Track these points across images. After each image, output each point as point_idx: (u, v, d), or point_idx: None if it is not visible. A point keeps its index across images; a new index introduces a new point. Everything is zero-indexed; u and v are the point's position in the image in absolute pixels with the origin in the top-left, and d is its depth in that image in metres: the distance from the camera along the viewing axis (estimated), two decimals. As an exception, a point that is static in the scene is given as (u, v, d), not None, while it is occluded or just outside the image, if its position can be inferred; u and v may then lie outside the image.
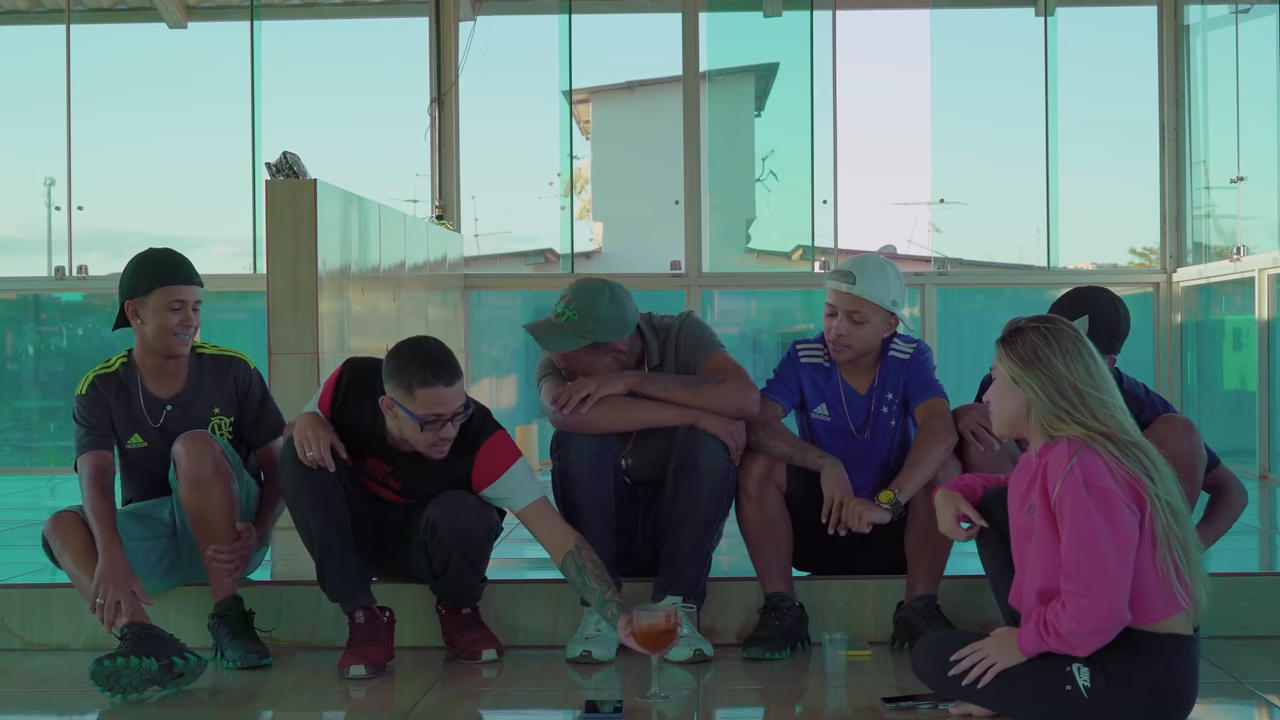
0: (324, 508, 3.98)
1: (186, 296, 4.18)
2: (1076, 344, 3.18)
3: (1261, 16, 8.90)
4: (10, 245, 10.69)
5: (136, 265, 4.23)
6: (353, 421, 4.06)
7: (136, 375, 4.26)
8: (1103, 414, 3.12)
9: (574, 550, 3.95)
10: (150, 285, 4.16)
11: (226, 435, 4.30)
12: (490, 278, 10.12)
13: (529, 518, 4.03)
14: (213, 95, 10.18)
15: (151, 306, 4.16)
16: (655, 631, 3.58)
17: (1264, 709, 3.58)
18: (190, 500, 4.08)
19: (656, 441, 4.24)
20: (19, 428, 10.34)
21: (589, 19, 9.95)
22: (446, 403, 3.86)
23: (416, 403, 3.85)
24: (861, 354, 4.27)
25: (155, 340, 4.19)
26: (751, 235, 10.45)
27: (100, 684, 3.70)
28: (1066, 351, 3.16)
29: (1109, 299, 4.26)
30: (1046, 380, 3.15)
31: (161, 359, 4.24)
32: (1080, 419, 3.12)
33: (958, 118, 10.38)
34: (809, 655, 4.11)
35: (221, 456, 4.10)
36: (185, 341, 4.21)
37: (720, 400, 4.14)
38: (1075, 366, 3.15)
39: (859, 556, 4.37)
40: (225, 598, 4.10)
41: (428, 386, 3.84)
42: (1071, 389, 3.13)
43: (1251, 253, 8.62)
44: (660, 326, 4.33)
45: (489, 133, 9.96)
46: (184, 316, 4.17)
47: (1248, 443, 8.43)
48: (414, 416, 3.85)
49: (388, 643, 4.05)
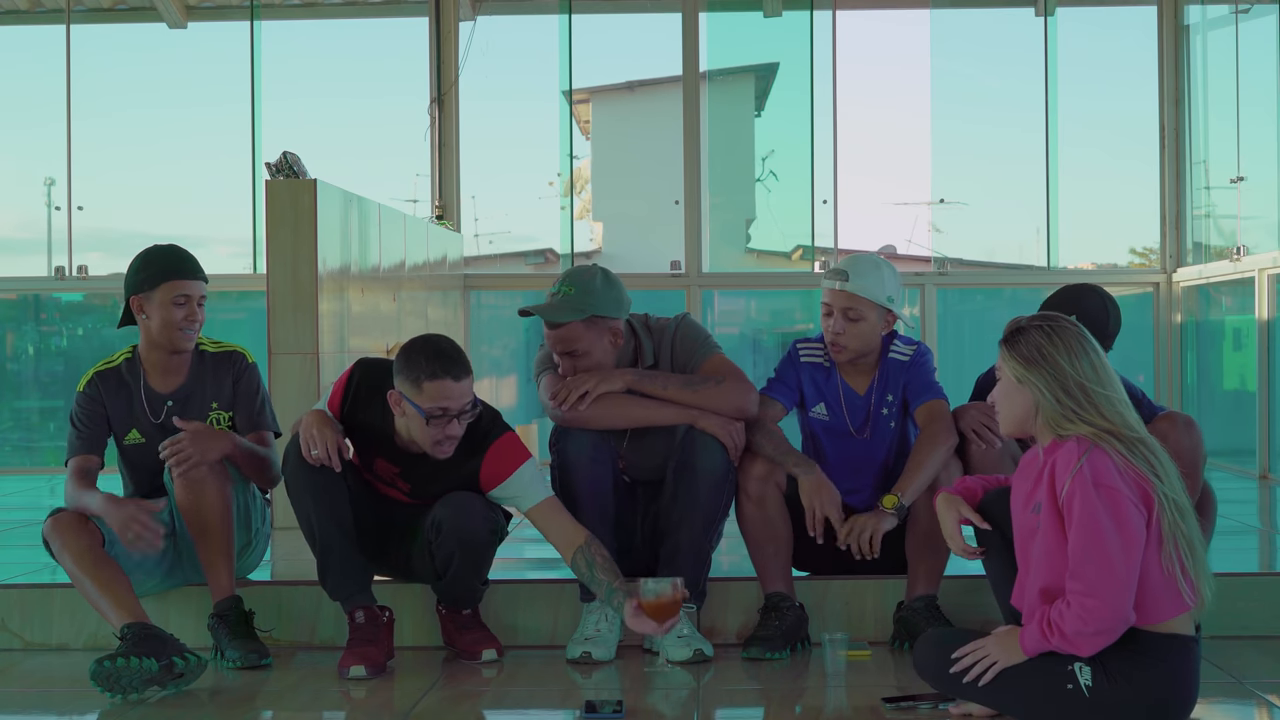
0: (327, 506, 3.98)
1: (191, 291, 4.21)
2: (1080, 340, 3.17)
3: (1261, 16, 8.90)
4: (10, 245, 10.69)
5: (142, 260, 4.25)
6: (362, 422, 4.06)
7: (140, 371, 4.28)
8: (1109, 411, 3.12)
9: (584, 546, 3.95)
10: (156, 280, 4.19)
11: (226, 429, 4.30)
12: (490, 278, 10.11)
13: (538, 517, 4.03)
14: (213, 95, 10.18)
15: (157, 301, 4.19)
16: (664, 602, 3.62)
17: (1264, 709, 3.58)
18: (185, 500, 4.08)
19: (654, 441, 4.25)
20: (19, 428, 10.34)
21: (589, 19, 9.95)
22: (453, 397, 3.86)
23: (423, 396, 3.85)
24: (860, 354, 4.26)
25: (160, 335, 4.21)
26: (751, 235, 10.45)
27: (100, 684, 3.70)
28: (1070, 349, 3.15)
29: (1099, 297, 4.26)
30: (1052, 379, 3.15)
31: (165, 354, 4.25)
32: (1088, 417, 3.11)
33: (958, 117, 10.38)
34: (809, 655, 4.11)
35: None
36: (190, 337, 4.23)
37: (719, 400, 4.14)
38: (1080, 364, 3.14)
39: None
40: (225, 598, 4.10)
41: (435, 380, 3.84)
42: (1077, 387, 3.13)
43: (1251, 253, 8.62)
44: (656, 328, 4.33)
45: (489, 133, 9.96)
46: (189, 311, 4.20)
47: (1248, 443, 8.43)
48: (420, 410, 3.85)
49: (387, 643, 4.05)
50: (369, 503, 4.17)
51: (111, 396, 4.26)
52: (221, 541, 4.09)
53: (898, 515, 4.06)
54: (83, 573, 3.95)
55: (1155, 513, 3.07)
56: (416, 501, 4.15)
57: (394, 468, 4.10)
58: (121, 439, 4.28)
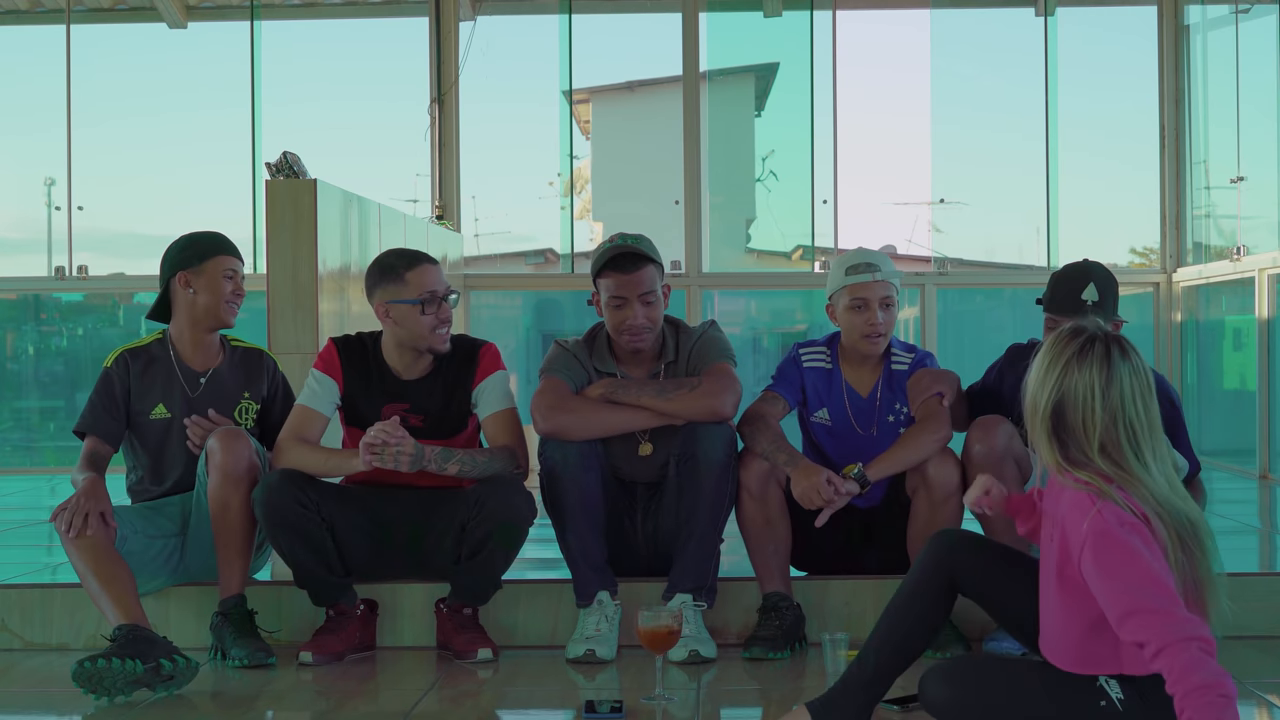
0: (305, 547, 4.07)
1: (237, 268, 4.35)
2: (1148, 377, 2.93)
3: (1261, 16, 8.90)
4: (10, 245, 10.69)
5: (188, 240, 4.36)
6: (361, 373, 4.21)
7: (170, 350, 4.34)
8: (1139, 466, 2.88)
9: (498, 447, 4.14)
10: (206, 254, 4.31)
11: (251, 420, 4.37)
12: (490, 278, 10.12)
13: (489, 425, 4.23)
14: (213, 95, 10.19)
15: (207, 275, 4.29)
16: (660, 633, 3.59)
17: (1264, 709, 3.58)
18: (220, 495, 4.09)
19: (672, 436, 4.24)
20: (19, 428, 10.34)
21: (589, 19, 9.95)
22: (437, 279, 4.15)
23: (409, 288, 4.11)
24: (886, 342, 4.31)
25: (206, 311, 4.30)
26: (751, 235, 10.46)
27: (82, 685, 3.66)
28: (1136, 380, 2.90)
29: (1104, 267, 4.26)
30: (1102, 399, 2.87)
31: (204, 332, 4.33)
32: (1118, 460, 2.87)
33: (958, 117, 10.39)
34: (808, 655, 4.11)
35: (255, 456, 4.14)
36: (235, 311, 4.35)
37: (692, 406, 4.15)
38: (1139, 402, 2.89)
39: (859, 556, 4.38)
40: (230, 595, 4.11)
41: (414, 267, 4.14)
42: (1126, 423, 2.87)
43: (1251, 253, 8.63)
44: (685, 329, 4.38)
45: (489, 133, 9.96)
46: (236, 285, 4.33)
47: (1248, 443, 8.44)
48: (412, 301, 4.09)
49: (353, 635, 4.15)
50: (376, 503, 4.21)
51: (141, 372, 4.30)
52: (242, 542, 4.12)
53: (859, 482, 4.06)
54: (87, 567, 3.94)
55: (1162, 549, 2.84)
56: (428, 486, 4.19)
57: (402, 405, 4.18)
58: (147, 414, 4.30)
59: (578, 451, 4.16)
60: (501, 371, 4.27)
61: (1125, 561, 2.78)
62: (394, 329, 4.17)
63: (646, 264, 4.20)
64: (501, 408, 4.22)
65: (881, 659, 3.19)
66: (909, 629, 3.19)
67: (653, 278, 4.20)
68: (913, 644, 3.20)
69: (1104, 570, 2.79)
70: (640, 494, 4.35)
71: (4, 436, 10.29)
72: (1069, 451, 2.92)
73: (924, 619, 3.20)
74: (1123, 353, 2.91)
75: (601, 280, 4.23)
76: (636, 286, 4.17)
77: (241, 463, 4.09)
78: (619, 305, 4.20)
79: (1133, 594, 2.75)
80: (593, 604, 4.14)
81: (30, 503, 7.71)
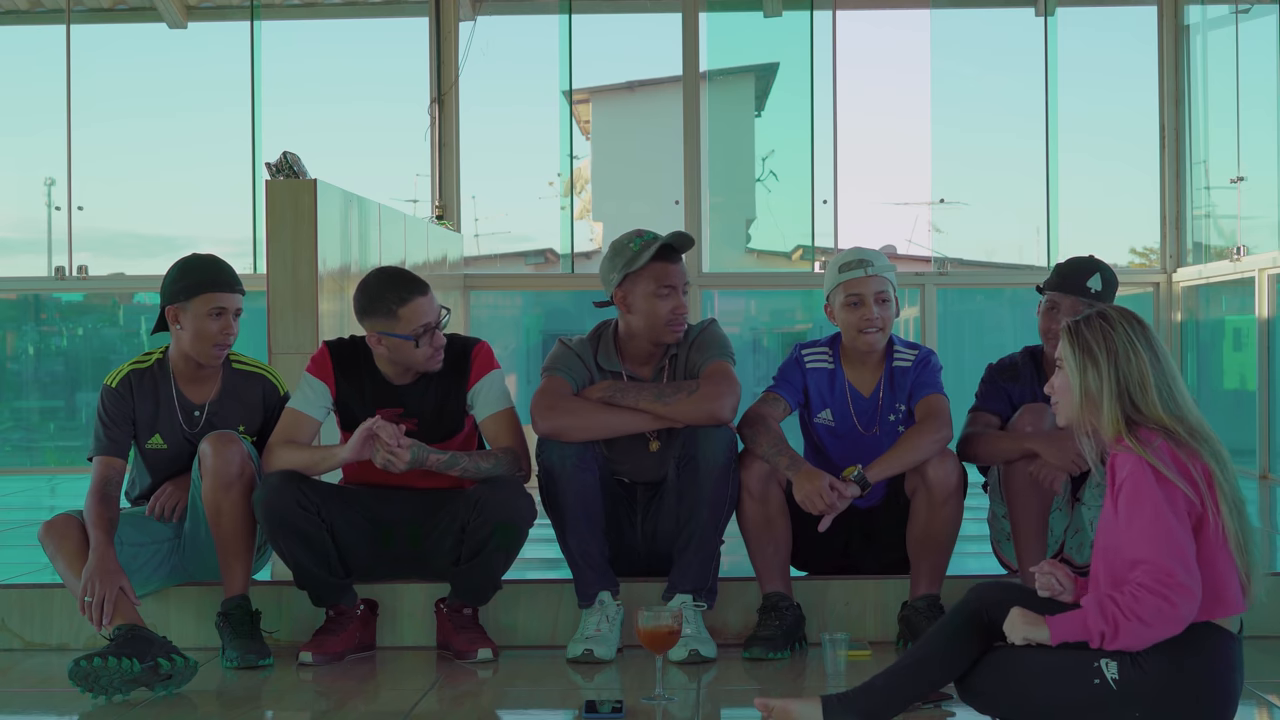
0: (305, 548, 4.07)
1: (228, 304, 4.16)
2: (1143, 329, 3.13)
3: (1261, 16, 8.91)
4: (10, 245, 10.70)
5: (180, 270, 4.20)
6: (354, 382, 4.19)
7: (170, 377, 4.26)
8: (1169, 403, 3.11)
9: (500, 449, 4.12)
10: (192, 291, 4.14)
11: (248, 442, 4.27)
12: (490, 278, 10.12)
13: (489, 425, 4.20)
14: (213, 95, 10.19)
15: (192, 313, 4.14)
16: (660, 632, 3.59)
17: (1264, 709, 3.58)
18: (212, 499, 4.08)
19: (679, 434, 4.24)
20: (19, 428, 10.34)
21: (589, 19, 9.95)
22: (429, 312, 4.10)
23: (402, 323, 4.06)
24: (885, 338, 4.30)
25: (192, 348, 4.17)
26: (751, 235, 10.46)
27: (79, 684, 3.66)
28: (1133, 338, 3.11)
29: (1107, 265, 4.33)
30: (1113, 369, 3.08)
31: (195, 366, 4.23)
32: (1149, 411, 3.07)
33: (957, 118, 10.39)
34: (808, 655, 4.11)
35: (247, 459, 4.11)
36: (221, 353, 4.19)
37: (690, 410, 4.14)
38: (1142, 355, 3.10)
39: (859, 556, 4.38)
40: (232, 595, 4.11)
41: (407, 303, 4.07)
42: (1138, 378, 3.08)
43: (1251, 253, 8.63)
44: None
45: (489, 133, 9.97)
46: (224, 324, 4.16)
47: (1248, 443, 8.43)
48: (406, 337, 4.05)
49: (353, 635, 4.14)
50: (375, 504, 4.21)
51: (143, 398, 4.23)
52: (239, 544, 4.10)
53: (859, 484, 4.06)
54: (75, 576, 3.93)
55: (1212, 509, 3.04)
56: (427, 486, 4.18)
57: (396, 409, 4.16)
58: (144, 443, 4.26)
59: (576, 453, 4.16)
60: (496, 370, 4.25)
61: (1152, 516, 2.97)
62: (387, 355, 4.14)
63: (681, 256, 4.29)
64: (500, 408, 4.21)
65: (908, 684, 3.21)
66: (941, 672, 3.20)
67: (681, 275, 4.28)
68: (938, 681, 3.23)
69: (1131, 517, 2.98)
70: (640, 495, 4.35)
71: (4, 436, 10.30)
72: (1133, 419, 3.08)
73: (954, 666, 3.20)
74: (1125, 317, 3.13)
75: (648, 271, 4.18)
76: (682, 276, 4.24)
77: (232, 466, 4.06)
78: (666, 295, 4.20)
79: (1150, 543, 2.95)
80: (594, 604, 4.13)
81: (30, 503, 7.71)
